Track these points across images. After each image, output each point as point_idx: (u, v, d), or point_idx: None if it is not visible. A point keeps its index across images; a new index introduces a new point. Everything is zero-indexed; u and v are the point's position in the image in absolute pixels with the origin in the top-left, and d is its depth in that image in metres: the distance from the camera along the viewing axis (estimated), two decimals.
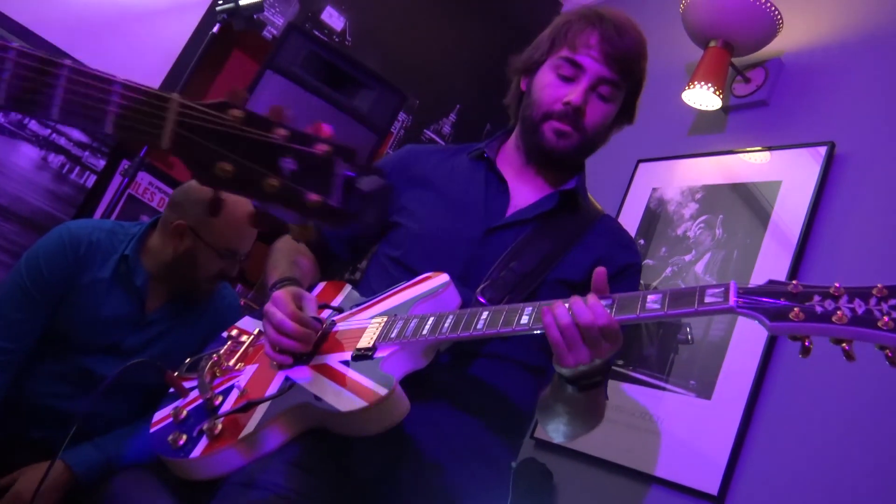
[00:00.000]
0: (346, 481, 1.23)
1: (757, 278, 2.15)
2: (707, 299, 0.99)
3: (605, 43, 1.37)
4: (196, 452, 1.18)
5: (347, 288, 1.47)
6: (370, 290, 1.42)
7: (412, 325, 1.20)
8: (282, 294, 1.25)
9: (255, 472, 1.19)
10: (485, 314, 1.15)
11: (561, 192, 1.44)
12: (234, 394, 1.26)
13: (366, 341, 1.23)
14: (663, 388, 2.22)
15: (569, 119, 1.38)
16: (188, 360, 1.45)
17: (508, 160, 1.50)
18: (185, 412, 1.28)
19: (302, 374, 1.23)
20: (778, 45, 2.52)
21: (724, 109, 2.63)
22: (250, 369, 1.33)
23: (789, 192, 2.25)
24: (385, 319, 1.26)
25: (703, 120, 2.70)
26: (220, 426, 1.19)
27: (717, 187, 2.47)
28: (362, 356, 1.20)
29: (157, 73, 2.76)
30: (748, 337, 2.13)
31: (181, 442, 1.21)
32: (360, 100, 2.65)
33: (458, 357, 1.31)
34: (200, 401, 1.29)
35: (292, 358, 1.25)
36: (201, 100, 0.74)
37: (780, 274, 2.10)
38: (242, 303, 2.23)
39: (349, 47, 3.14)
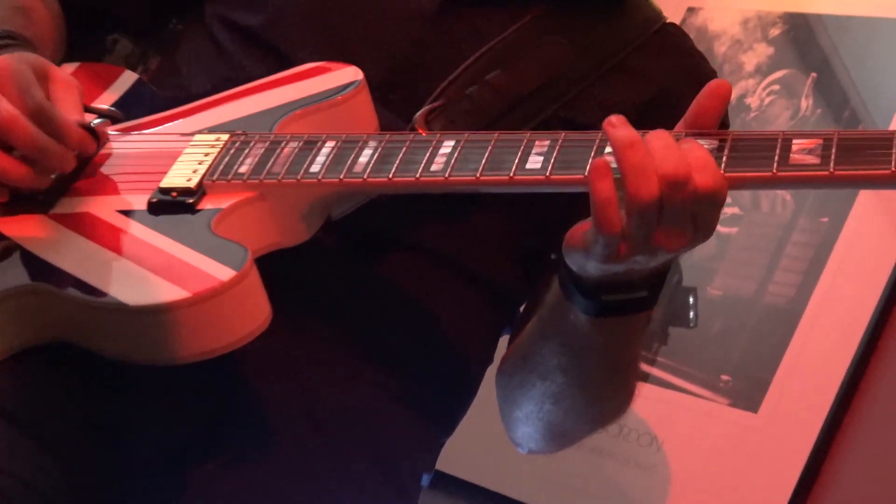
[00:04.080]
0: (93, 457, 1.19)
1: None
2: None
3: None
4: None
5: (130, 77, 1.45)
6: (180, 85, 1.43)
7: (288, 152, 1.17)
8: (8, 63, 1.16)
9: None
10: (448, 143, 1.12)
11: None
12: None
13: (180, 177, 1.18)
14: (671, 386, 2.19)
15: None
16: None
17: None
18: None
19: (32, 229, 1.18)
20: None
21: None
22: None
23: None
24: (224, 139, 1.22)
25: None
26: None
27: (813, 20, 2.40)
28: (172, 204, 1.16)
29: None
30: (841, 308, 2.08)
31: None
32: None
33: (358, 243, 1.31)
34: None
35: (19, 194, 1.19)
36: None
37: None
38: None
39: None
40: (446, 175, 1.08)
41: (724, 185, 1.00)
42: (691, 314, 2.19)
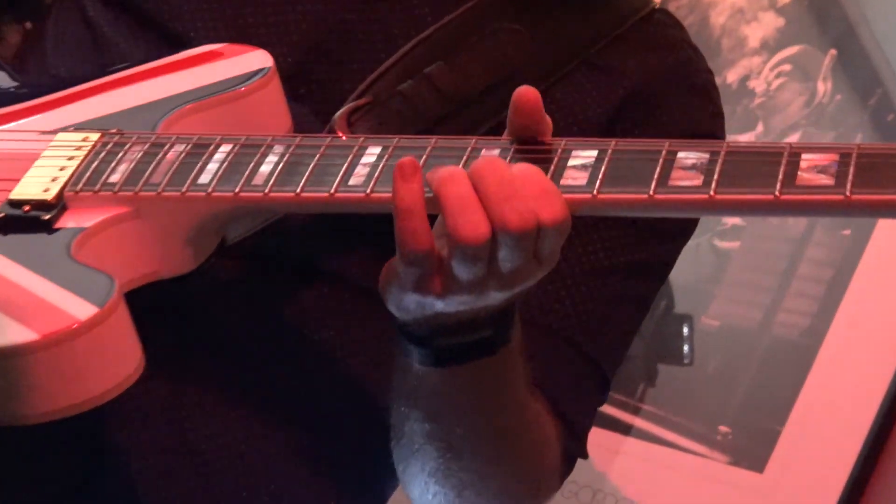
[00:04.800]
0: None
1: None
2: None
3: None
4: None
5: None
6: (44, 71, 1.47)
7: (172, 157, 1.15)
8: None
9: None
10: (374, 150, 1.10)
11: None
12: None
13: (34, 186, 1.17)
14: (657, 440, 2.18)
15: None
16: None
17: None
18: None
19: None
20: None
21: None
22: None
23: None
24: (94, 140, 1.21)
25: None
26: None
27: None
28: (23, 221, 1.14)
29: None
30: (866, 342, 2.10)
31: None
32: None
33: (259, 274, 1.31)
34: None
35: None
36: None
37: None
38: None
39: None
40: (368, 191, 1.05)
41: (569, 213, 1.00)
42: (686, 348, 2.19)
